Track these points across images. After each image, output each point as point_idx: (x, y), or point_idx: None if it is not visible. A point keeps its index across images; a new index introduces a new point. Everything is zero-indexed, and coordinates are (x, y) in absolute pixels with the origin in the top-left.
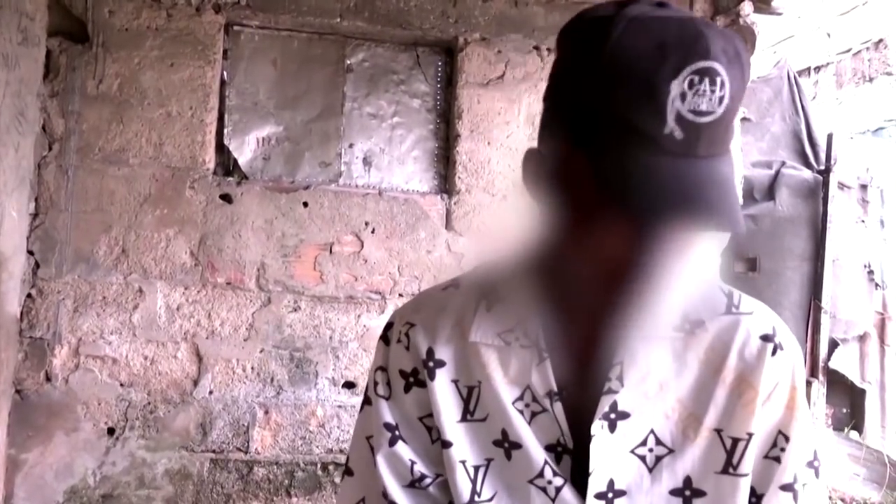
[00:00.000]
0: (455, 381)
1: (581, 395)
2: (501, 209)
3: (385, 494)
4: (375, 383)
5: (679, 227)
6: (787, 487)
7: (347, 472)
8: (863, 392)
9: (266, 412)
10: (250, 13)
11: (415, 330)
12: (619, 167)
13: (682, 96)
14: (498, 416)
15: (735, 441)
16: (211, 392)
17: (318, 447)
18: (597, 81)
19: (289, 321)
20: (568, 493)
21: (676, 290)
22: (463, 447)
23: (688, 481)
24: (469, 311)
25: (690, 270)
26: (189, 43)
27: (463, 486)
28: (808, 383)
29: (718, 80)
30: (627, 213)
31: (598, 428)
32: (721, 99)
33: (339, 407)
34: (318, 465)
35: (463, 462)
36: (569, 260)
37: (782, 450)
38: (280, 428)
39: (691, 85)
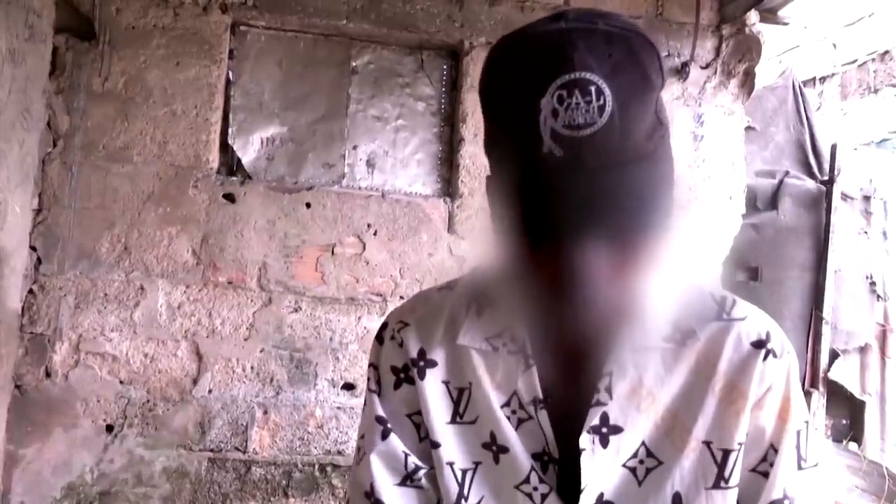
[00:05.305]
0: (446, 383)
1: (568, 405)
2: None
3: (368, 494)
4: (368, 380)
5: (579, 242)
6: None
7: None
8: (863, 404)
9: (265, 412)
10: (257, 13)
11: (408, 329)
12: (512, 190)
13: (554, 113)
14: (487, 419)
15: (726, 453)
16: (210, 391)
17: (316, 448)
18: (484, 109)
19: (289, 321)
20: (553, 502)
21: (658, 301)
22: (451, 449)
23: (677, 498)
24: (460, 313)
25: (672, 280)
26: (195, 42)
27: (450, 489)
28: (808, 394)
29: (592, 89)
30: (526, 235)
31: (587, 441)
32: (601, 108)
33: (338, 408)
34: (316, 467)
35: (451, 464)
36: (529, 273)
37: (771, 464)
38: (278, 428)
39: (561, 100)
